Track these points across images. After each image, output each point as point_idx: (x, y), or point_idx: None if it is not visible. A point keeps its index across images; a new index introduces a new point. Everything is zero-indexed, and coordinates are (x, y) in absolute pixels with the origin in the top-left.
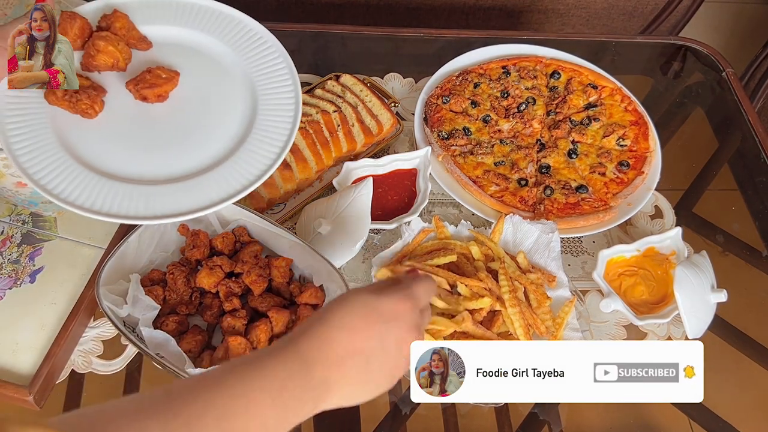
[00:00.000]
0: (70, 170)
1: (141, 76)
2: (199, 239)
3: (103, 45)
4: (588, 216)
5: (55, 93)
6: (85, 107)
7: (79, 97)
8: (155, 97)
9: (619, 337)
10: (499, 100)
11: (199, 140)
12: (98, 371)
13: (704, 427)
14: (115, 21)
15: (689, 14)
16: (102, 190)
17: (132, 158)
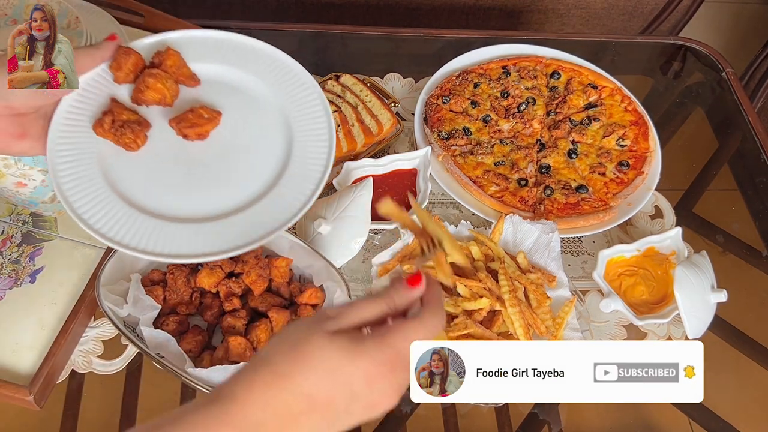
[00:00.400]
0: (110, 204)
1: (184, 115)
2: None
3: (152, 82)
4: (588, 216)
5: (102, 125)
6: (129, 141)
7: (124, 131)
8: (196, 135)
9: (619, 337)
10: (499, 100)
11: (236, 179)
12: (98, 371)
13: (704, 427)
14: (167, 58)
15: (689, 14)
16: (139, 226)
17: (169, 194)
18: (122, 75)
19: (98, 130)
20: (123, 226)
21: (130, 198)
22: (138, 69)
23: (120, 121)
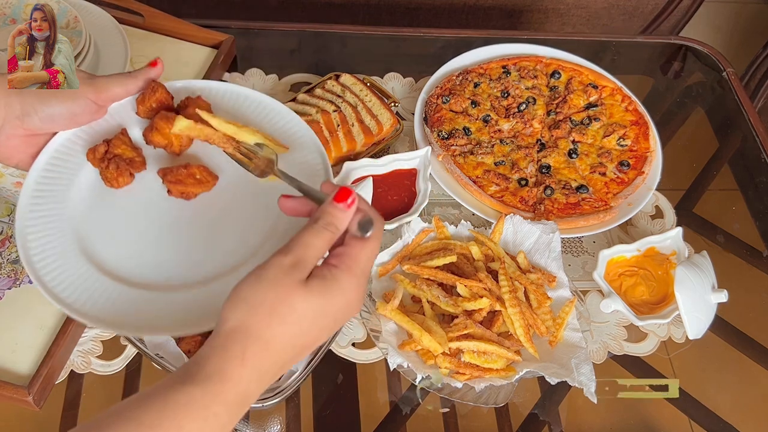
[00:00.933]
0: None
1: (177, 168)
2: None
3: (162, 125)
4: (588, 216)
5: (95, 152)
6: (110, 176)
7: (109, 165)
8: (178, 193)
9: (620, 338)
10: (500, 100)
11: (206, 251)
12: (97, 371)
13: (704, 427)
14: (191, 105)
15: (689, 14)
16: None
17: (131, 251)
18: (144, 109)
19: (89, 156)
20: (79, 287)
21: (90, 250)
22: (161, 106)
23: (112, 154)
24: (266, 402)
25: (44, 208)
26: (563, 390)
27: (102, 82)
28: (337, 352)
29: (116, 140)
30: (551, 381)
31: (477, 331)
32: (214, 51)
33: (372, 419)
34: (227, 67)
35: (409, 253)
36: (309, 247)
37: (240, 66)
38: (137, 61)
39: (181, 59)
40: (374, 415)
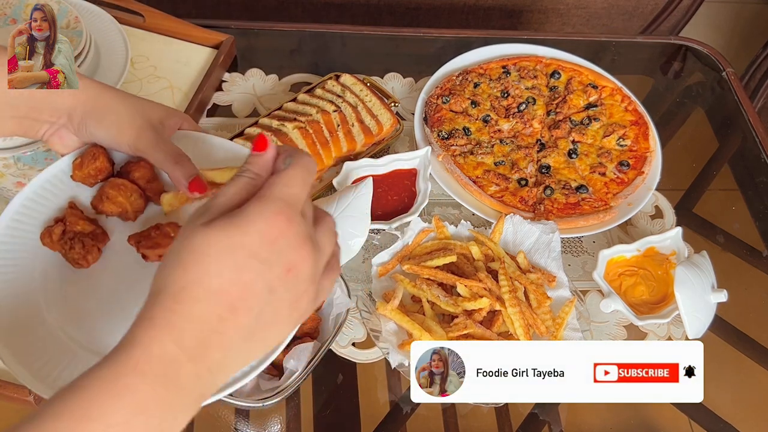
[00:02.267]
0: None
1: (147, 232)
2: None
3: (113, 194)
4: (588, 216)
5: (51, 235)
6: (77, 257)
7: (73, 245)
8: (156, 257)
9: (620, 337)
10: (499, 100)
11: None
12: None
13: (704, 427)
14: (136, 170)
15: (689, 14)
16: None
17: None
18: (81, 175)
19: (45, 240)
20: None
21: (67, 328)
22: (102, 175)
23: (71, 233)
24: (266, 402)
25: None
26: None
27: (149, 149)
28: (337, 351)
29: (70, 216)
30: None
31: (477, 331)
32: (214, 51)
33: (372, 419)
34: (227, 67)
35: (409, 253)
36: (221, 194)
37: (240, 66)
38: (137, 62)
39: (181, 59)
40: (374, 415)
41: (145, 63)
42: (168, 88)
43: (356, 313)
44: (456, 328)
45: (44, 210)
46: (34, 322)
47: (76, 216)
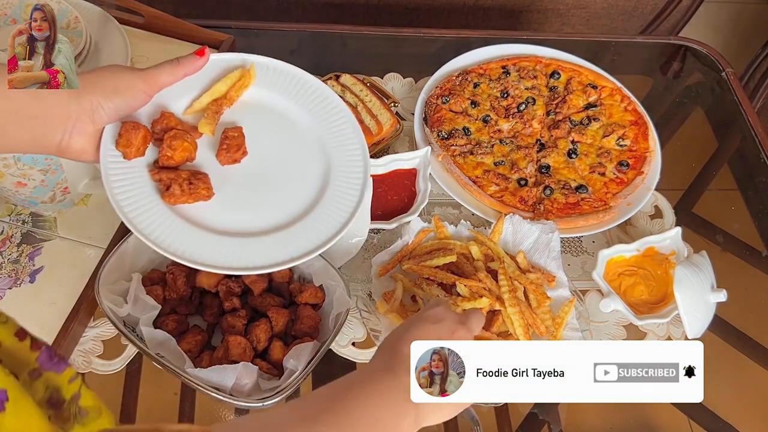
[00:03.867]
0: (175, 226)
1: (223, 144)
2: None
3: (178, 144)
4: (588, 216)
5: (174, 194)
6: (204, 192)
7: (196, 186)
8: (242, 154)
9: (619, 337)
10: (499, 100)
11: (282, 196)
12: (98, 371)
13: (704, 427)
14: (168, 122)
15: (689, 14)
16: (207, 244)
17: (230, 215)
18: (133, 150)
19: (170, 200)
20: (183, 241)
21: (193, 218)
22: (147, 140)
23: (185, 182)
24: (266, 402)
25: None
26: None
27: (152, 74)
28: (337, 351)
29: (170, 174)
30: None
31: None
32: (214, 51)
33: None
34: None
35: (409, 253)
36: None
37: None
38: (137, 62)
39: None
40: None
41: (145, 63)
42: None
43: (356, 313)
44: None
45: (141, 190)
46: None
47: (174, 173)
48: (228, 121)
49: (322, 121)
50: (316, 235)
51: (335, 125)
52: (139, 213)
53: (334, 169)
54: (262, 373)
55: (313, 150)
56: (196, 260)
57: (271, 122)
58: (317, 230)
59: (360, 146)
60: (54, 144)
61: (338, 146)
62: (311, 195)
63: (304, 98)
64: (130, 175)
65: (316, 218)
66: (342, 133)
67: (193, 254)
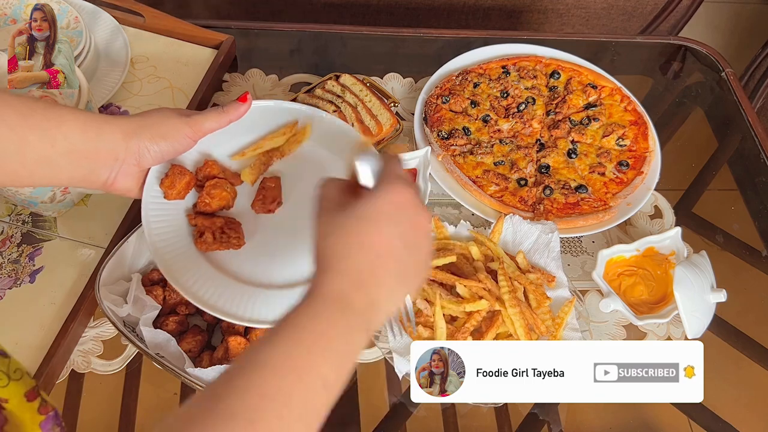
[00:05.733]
0: (202, 272)
1: (259, 194)
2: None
3: (217, 192)
4: (587, 216)
5: (206, 241)
6: (235, 242)
7: (228, 236)
8: (277, 205)
9: (619, 337)
10: (499, 100)
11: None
12: (98, 371)
13: (704, 427)
14: (211, 170)
15: (689, 14)
16: (234, 293)
17: (259, 264)
18: (174, 193)
19: (203, 247)
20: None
21: (225, 267)
22: (191, 186)
23: (219, 230)
24: None
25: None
26: None
27: (198, 120)
28: None
29: (204, 221)
30: None
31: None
32: (214, 51)
33: (372, 419)
34: (227, 67)
35: None
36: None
37: (240, 66)
38: (137, 62)
39: (181, 60)
40: (374, 415)
41: (145, 63)
42: (168, 88)
43: None
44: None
45: (177, 232)
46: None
47: (209, 221)
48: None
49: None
50: None
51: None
52: (173, 255)
53: None
54: None
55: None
56: (219, 309)
57: (309, 172)
58: None
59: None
60: (101, 182)
61: None
62: None
63: (345, 149)
64: (167, 215)
65: None
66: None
67: (217, 302)
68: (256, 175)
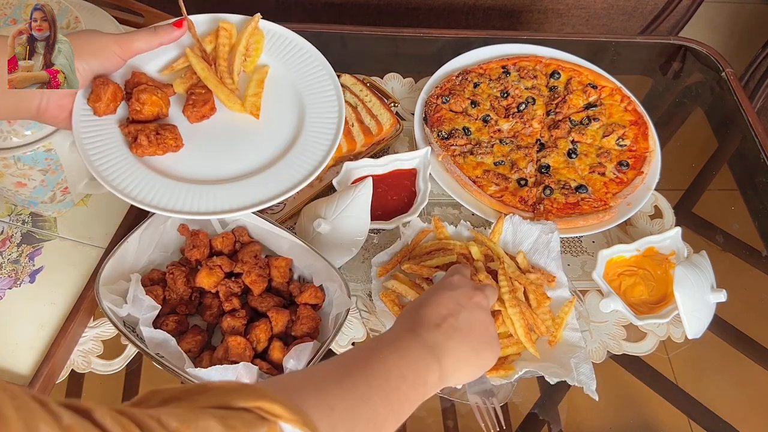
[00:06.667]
0: (144, 176)
1: (189, 100)
2: (198, 239)
3: (146, 97)
4: (587, 216)
5: (141, 144)
6: (172, 143)
7: (164, 137)
8: (210, 110)
9: (619, 338)
10: (499, 100)
11: (255, 144)
12: (98, 371)
13: (704, 427)
14: (139, 79)
15: (689, 14)
16: (175, 191)
17: (201, 165)
18: (102, 106)
19: (138, 151)
20: (159, 192)
21: (164, 170)
22: (118, 97)
23: (153, 132)
24: None
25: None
26: (563, 389)
27: (127, 39)
28: (337, 351)
29: (137, 126)
30: (550, 381)
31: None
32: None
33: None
34: None
35: (409, 253)
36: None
37: None
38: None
39: None
40: None
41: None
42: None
43: (356, 313)
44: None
45: (110, 144)
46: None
47: (141, 125)
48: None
49: (297, 71)
50: (287, 179)
51: (309, 74)
52: (109, 165)
53: (309, 116)
54: (262, 374)
55: (287, 99)
56: (164, 207)
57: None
58: (289, 175)
59: (335, 92)
60: (33, 109)
61: (313, 93)
62: (284, 143)
63: (279, 50)
64: (100, 130)
65: (288, 164)
66: (317, 80)
67: (160, 201)
68: (187, 83)
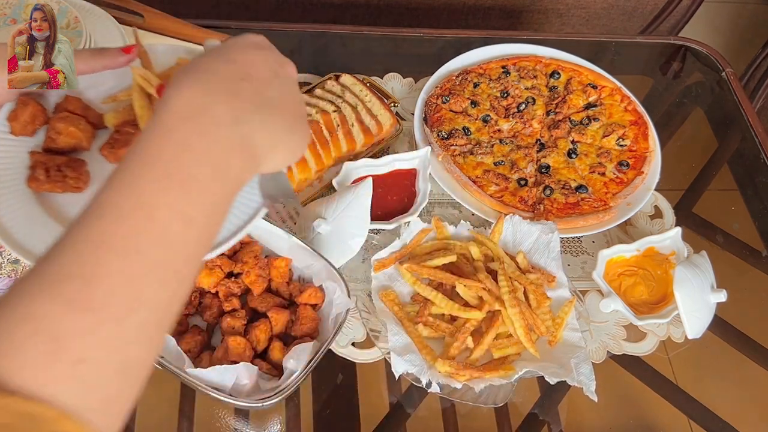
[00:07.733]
0: (25, 210)
1: (111, 138)
2: None
3: (63, 127)
4: (587, 216)
5: (38, 178)
6: (73, 183)
7: (65, 174)
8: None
9: (619, 338)
10: (499, 100)
11: None
12: None
13: (704, 427)
14: (69, 104)
15: (689, 14)
16: (46, 232)
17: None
18: (19, 126)
19: (33, 185)
20: (24, 227)
21: (54, 206)
22: (38, 120)
23: (55, 167)
24: (266, 402)
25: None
26: (563, 390)
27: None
28: (337, 351)
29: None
30: (550, 381)
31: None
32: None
33: (372, 419)
34: None
35: (409, 253)
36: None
37: None
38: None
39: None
40: (374, 415)
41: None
42: None
43: (356, 313)
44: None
45: (9, 170)
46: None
47: (46, 157)
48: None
49: None
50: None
51: None
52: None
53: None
54: (262, 374)
55: None
56: (22, 248)
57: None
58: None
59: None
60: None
61: None
62: None
63: None
64: (8, 150)
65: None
66: None
67: (26, 243)
68: (120, 119)
